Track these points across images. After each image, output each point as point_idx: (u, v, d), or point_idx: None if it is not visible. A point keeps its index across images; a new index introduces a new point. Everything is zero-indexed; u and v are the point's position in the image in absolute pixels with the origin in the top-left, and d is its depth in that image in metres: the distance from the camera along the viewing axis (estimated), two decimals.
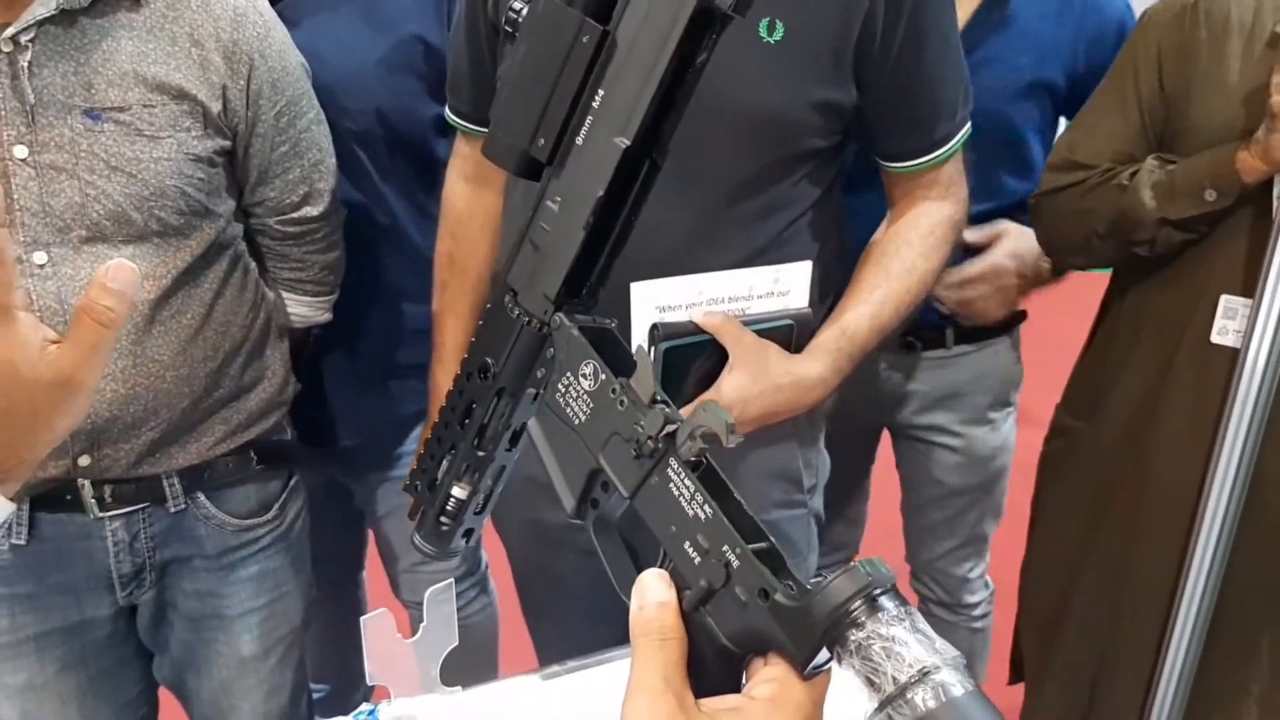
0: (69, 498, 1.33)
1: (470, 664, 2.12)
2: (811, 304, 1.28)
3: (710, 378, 1.20)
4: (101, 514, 1.34)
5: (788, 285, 1.25)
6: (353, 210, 1.57)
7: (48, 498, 1.32)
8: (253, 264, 1.44)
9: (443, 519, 0.71)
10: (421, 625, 1.07)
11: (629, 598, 0.58)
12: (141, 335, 1.27)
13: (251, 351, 1.41)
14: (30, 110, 1.18)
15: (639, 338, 1.18)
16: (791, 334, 1.26)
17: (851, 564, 0.51)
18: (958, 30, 1.31)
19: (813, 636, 0.51)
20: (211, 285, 1.34)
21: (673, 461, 0.57)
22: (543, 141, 0.63)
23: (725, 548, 0.54)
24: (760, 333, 1.21)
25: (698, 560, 0.55)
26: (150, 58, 1.23)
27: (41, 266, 1.22)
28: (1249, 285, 1.48)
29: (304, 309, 1.53)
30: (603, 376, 0.61)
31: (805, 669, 0.52)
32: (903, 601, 0.51)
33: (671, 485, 0.57)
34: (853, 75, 1.22)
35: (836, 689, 0.53)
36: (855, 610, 0.50)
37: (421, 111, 1.64)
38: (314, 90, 1.44)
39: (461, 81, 1.40)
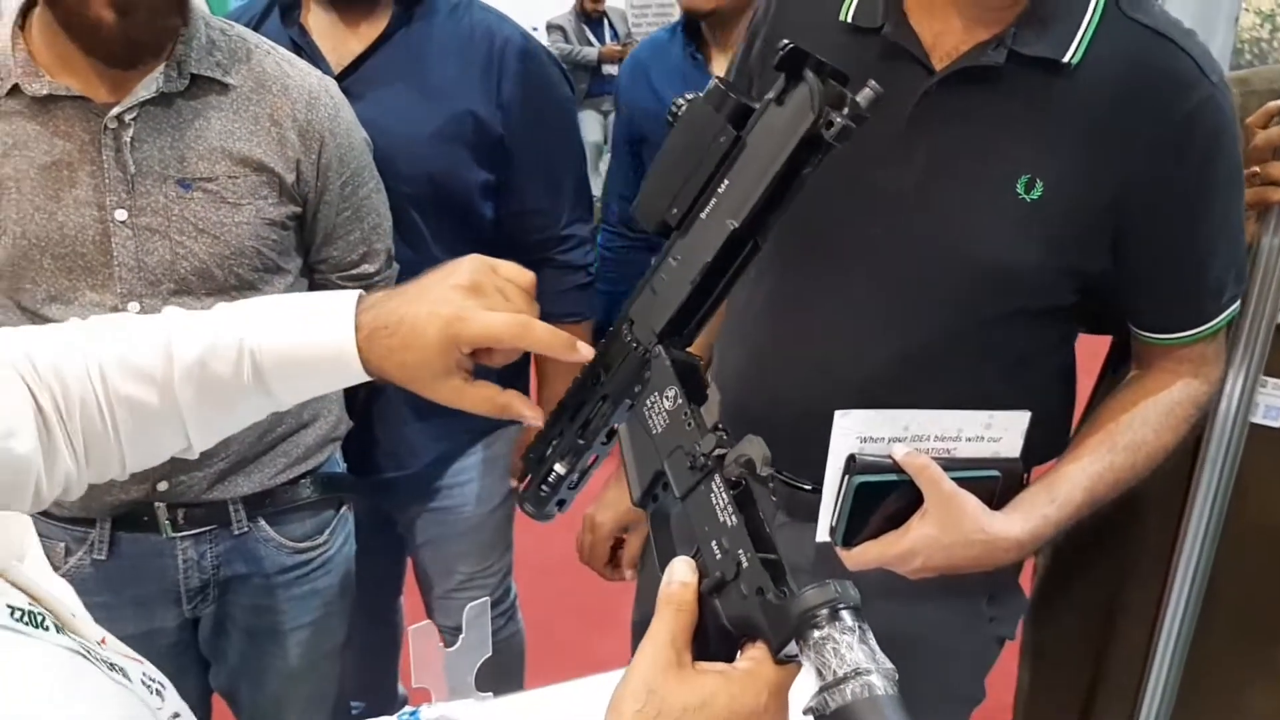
0: (146, 519, 1.49)
1: (499, 677, 2.27)
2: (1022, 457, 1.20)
3: (901, 516, 1.16)
4: (174, 534, 1.50)
5: (1000, 432, 1.18)
6: (405, 265, 1.73)
7: (128, 518, 1.49)
8: None
9: (543, 487, 0.89)
10: (460, 637, 1.22)
11: (663, 568, 0.74)
12: None
13: None
14: (131, 179, 1.35)
15: (836, 465, 1.14)
16: (996, 486, 1.18)
17: (828, 581, 0.65)
18: (1242, 204, 1.22)
19: (785, 629, 0.65)
20: None
21: (717, 478, 0.72)
22: (675, 210, 0.82)
23: (741, 550, 0.69)
24: (963, 480, 1.14)
25: (719, 556, 0.71)
26: (236, 135, 1.40)
27: None
28: None
29: None
30: (679, 401, 0.78)
31: (778, 654, 0.66)
32: (860, 618, 0.65)
33: (712, 495, 0.72)
34: (1111, 244, 1.16)
35: (802, 678, 0.67)
36: (819, 616, 0.64)
37: (470, 178, 1.80)
38: (374, 158, 1.61)
39: None
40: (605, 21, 7.38)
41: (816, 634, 0.64)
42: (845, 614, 0.64)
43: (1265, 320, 1.53)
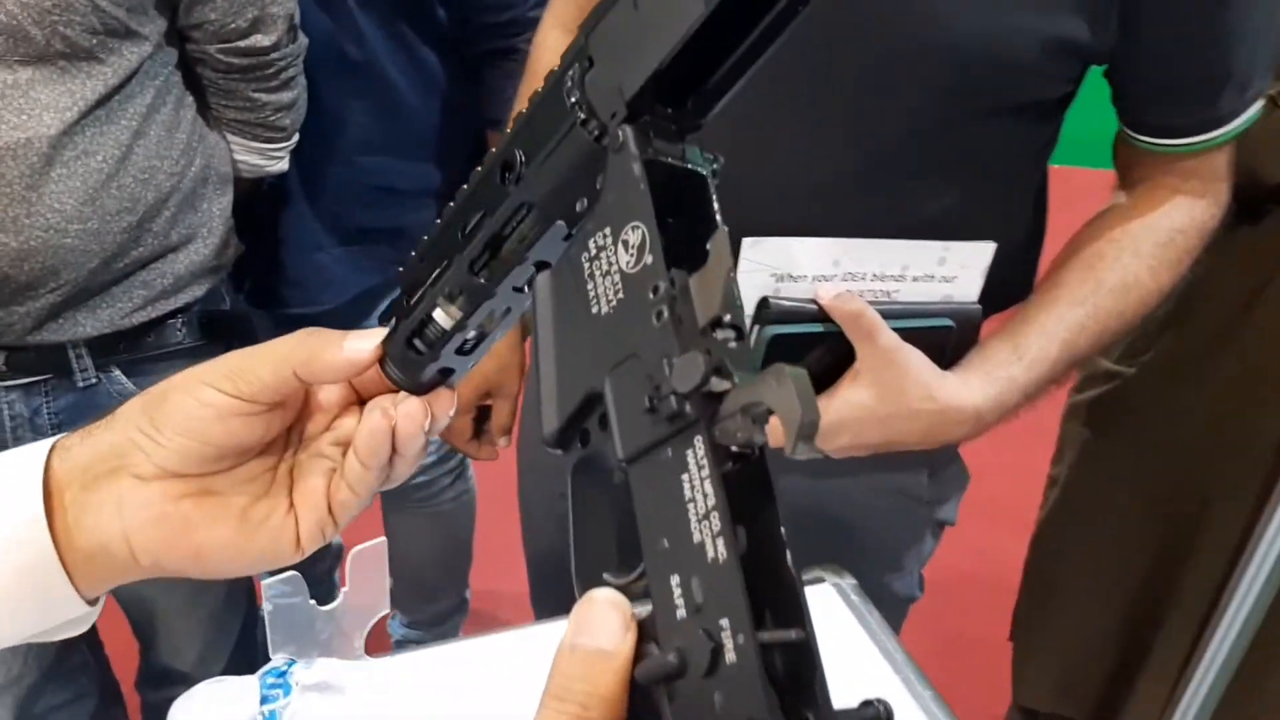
0: None
1: (444, 560, 1.97)
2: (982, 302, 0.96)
3: (826, 379, 0.91)
4: None
5: (956, 269, 0.92)
6: (319, 41, 1.32)
7: None
8: (190, 99, 1.20)
9: (415, 342, 0.51)
10: (342, 591, 0.88)
11: (580, 586, 0.40)
12: (38, 179, 1.05)
13: (182, 204, 1.18)
14: None
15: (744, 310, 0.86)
16: (949, 338, 0.93)
17: None
18: None
19: None
20: (130, 122, 1.11)
21: (699, 442, 0.34)
22: None
23: (726, 621, 0.32)
24: (906, 332, 0.90)
25: (681, 614, 0.34)
26: None
27: None
28: None
29: (253, 156, 1.29)
30: (648, 259, 0.37)
31: None
32: None
33: (685, 479, 0.34)
34: (1117, 9, 0.89)
35: None
36: None
37: None
38: None
39: None
40: None
41: None
42: None
43: None
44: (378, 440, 0.50)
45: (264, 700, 0.92)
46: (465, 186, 0.48)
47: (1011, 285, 1.00)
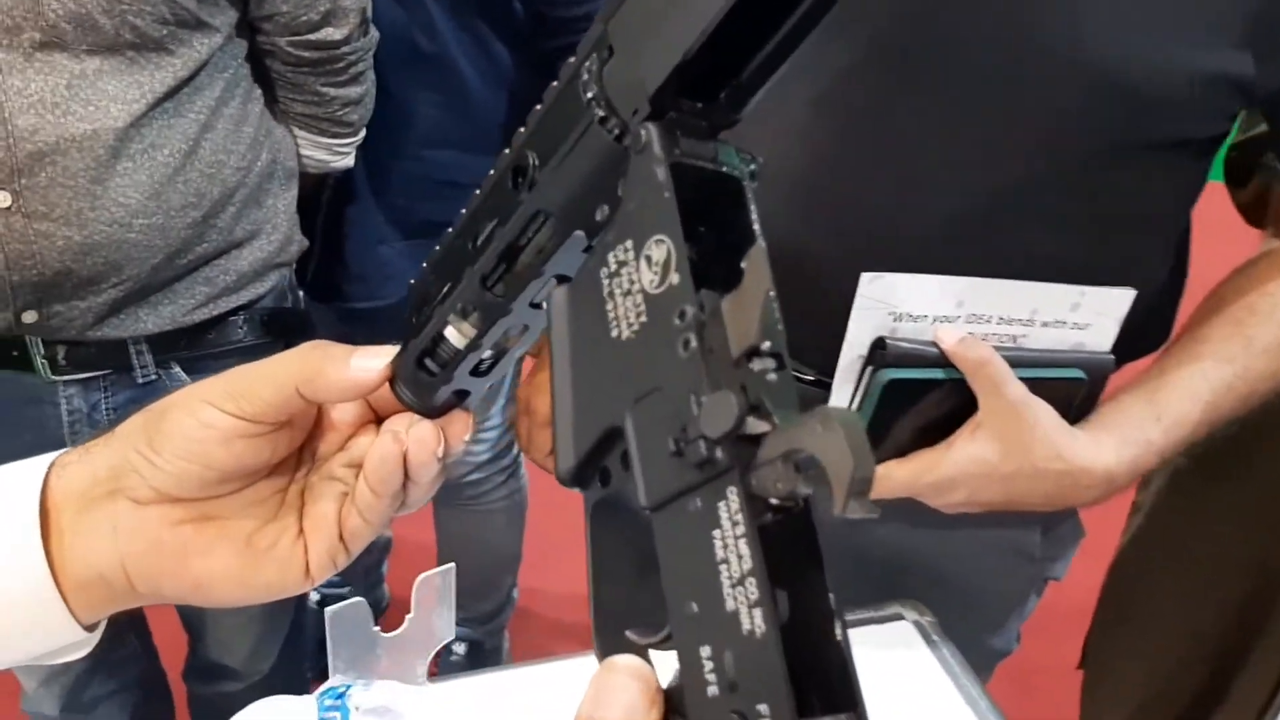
0: (16, 354, 1.11)
1: (494, 558, 1.95)
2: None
3: (942, 428, 0.85)
4: (55, 377, 1.13)
5: (1091, 316, 0.85)
6: (391, 32, 1.28)
7: None
8: (258, 92, 1.17)
9: (428, 361, 0.46)
10: (408, 618, 0.84)
11: (600, 645, 0.36)
12: (104, 172, 1.02)
13: (247, 200, 1.16)
14: None
15: (857, 350, 0.83)
16: (1079, 390, 0.86)
17: None
18: None
19: None
20: (198, 116, 1.08)
21: (732, 493, 0.30)
22: None
23: (764, 706, 0.29)
24: (1034, 382, 0.83)
25: (713, 691, 0.30)
26: None
27: None
28: None
29: (319, 152, 1.26)
30: (674, 278, 0.33)
31: None
32: None
33: (718, 535, 0.30)
34: None
35: None
36: None
37: None
38: None
39: None
40: None
41: None
42: None
43: None
44: (388, 468, 0.46)
45: None
46: (477, 192, 0.43)
47: (1145, 335, 0.92)
